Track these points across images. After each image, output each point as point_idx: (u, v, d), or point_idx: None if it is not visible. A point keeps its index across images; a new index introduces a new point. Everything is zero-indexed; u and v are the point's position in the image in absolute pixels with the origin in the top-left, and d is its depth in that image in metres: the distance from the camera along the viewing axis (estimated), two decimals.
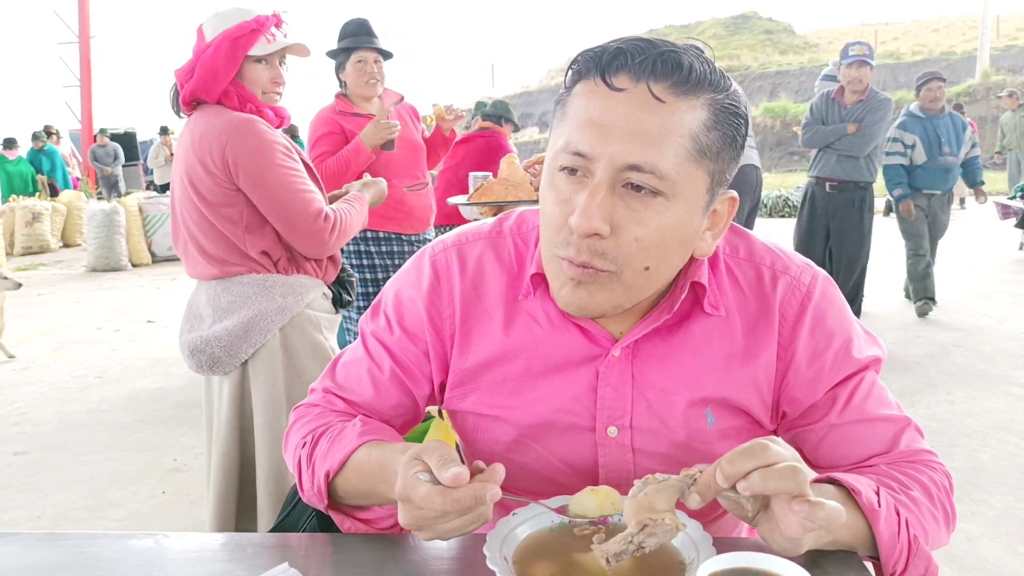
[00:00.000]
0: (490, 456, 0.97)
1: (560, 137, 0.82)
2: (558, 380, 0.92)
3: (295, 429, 1.01)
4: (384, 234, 3.18)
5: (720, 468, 0.71)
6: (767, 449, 0.71)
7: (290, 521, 1.24)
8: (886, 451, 0.92)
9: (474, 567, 0.81)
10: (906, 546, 0.80)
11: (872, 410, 0.92)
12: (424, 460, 0.77)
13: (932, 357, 4.52)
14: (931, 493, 0.87)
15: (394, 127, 2.96)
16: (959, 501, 2.66)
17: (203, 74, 1.87)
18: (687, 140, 0.78)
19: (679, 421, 0.91)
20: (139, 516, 2.85)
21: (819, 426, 0.93)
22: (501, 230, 0.98)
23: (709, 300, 0.90)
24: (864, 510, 0.79)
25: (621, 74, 0.78)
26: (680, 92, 0.78)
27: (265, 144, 1.86)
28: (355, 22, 3.19)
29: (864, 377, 0.93)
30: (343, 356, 1.05)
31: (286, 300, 1.95)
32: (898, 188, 5.42)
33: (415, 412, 1.03)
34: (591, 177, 0.79)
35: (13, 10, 37.81)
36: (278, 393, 1.95)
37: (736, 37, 34.39)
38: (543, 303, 0.93)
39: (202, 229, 1.92)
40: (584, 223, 0.78)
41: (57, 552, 0.89)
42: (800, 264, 0.95)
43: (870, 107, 4.69)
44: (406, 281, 0.99)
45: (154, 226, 9.51)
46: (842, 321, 0.93)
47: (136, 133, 16.87)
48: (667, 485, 0.72)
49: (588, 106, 0.79)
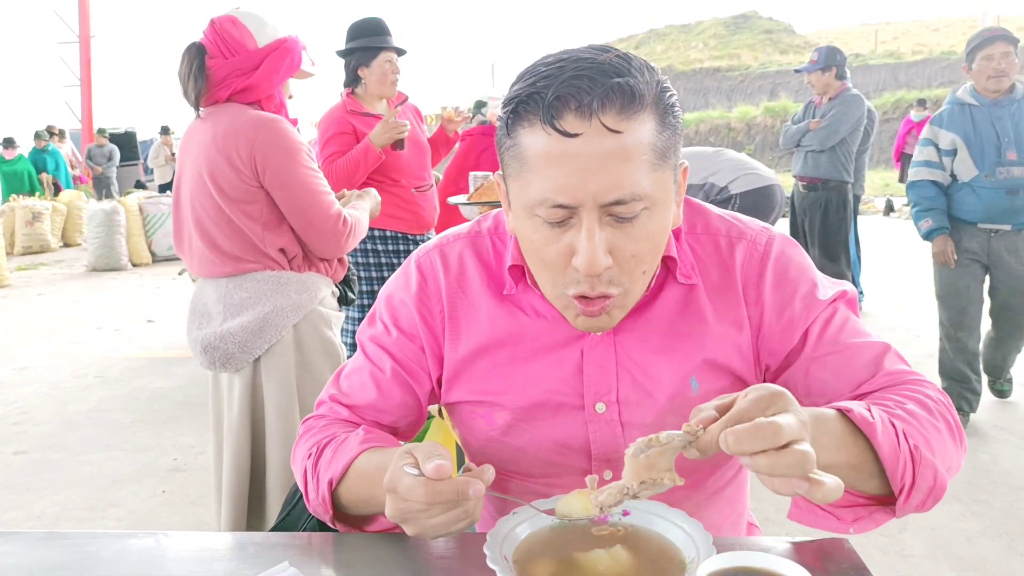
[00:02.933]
0: (487, 443, 1.00)
1: (528, 188, 0.82)
2: (546, 362, 0.96)
3: (302, 442, 1.03)
4: (392, 233, 3.18)
5: (725, 442, 0.66)
6: (779, 432, 0.64)
7: (290, 521, 1.24)
8: (871, 375, 0.92)
9: (474, 566, 0.81)
10: (908, 456, 0.78)
11: (847, 339, 0.93)
12: (413, 454, 0.79)
13: (932, 357, 4.50)
14: (927, 406, 0.86)
15: (404, 127, 2.95)
16: (959, 501, 2.67)
17: (266, 74, 1.93)
18: (649, 153, 0.81)
19: (663, 391, 0.94)
20: (139, 516, 2.85)
21: (799, 364, 0.94)
22: (480, 230, 1.03)
23: (681, 271, 0.95)
24: (858, 424, 0.78)
25: (567, 117, 0.78)
26: (629, 114, 0.79)
27: (292, 144, 1.90)
28: (375, 21, 3.17)
29: (835, 310, 0.95)
30: (345, 368, 1.09)
31: (300, 297, 1.97)
32: (926, 218, 3.32)
33: (419, 411, 1.05)
34: (577, 218, 0.81)
35: (13, 10, 37.83)
36: (290, 389, 1.97)
37: (736, 37, 34.41)
38: (526, 295, 0.97)
39: (219, 226, 1.93)
40: (593, 265, 0.81)
41: (57, 552, 0.89)
42: (757, 228, 0.99)
43: (836, 103, 4.76)
44: (396, 286, 1.04)
45: (154, 226, 9.51)
46: (804, 271, 0.97)
47: (136, 133, 16.87)
48: (671, 447, 0.71)
49: (548, 155, 0.80)
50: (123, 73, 45.82)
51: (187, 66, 1.90)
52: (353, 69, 3.12)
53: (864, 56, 26.01)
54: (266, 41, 1.93)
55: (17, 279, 8.37)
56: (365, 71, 3.10)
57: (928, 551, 2.41)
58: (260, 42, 1.93)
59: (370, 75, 3.10)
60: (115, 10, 47.27)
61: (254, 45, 1.92)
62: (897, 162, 12.87)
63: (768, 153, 19.22)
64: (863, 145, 5.00)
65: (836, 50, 4.83)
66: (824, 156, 4.80)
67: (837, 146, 4.76)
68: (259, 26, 1.94)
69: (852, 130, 4.75)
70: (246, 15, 1.93)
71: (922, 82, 22.65)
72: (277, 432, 1.97)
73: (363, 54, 3.09)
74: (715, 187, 4.12)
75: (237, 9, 1.95)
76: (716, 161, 4.27)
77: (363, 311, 3.16)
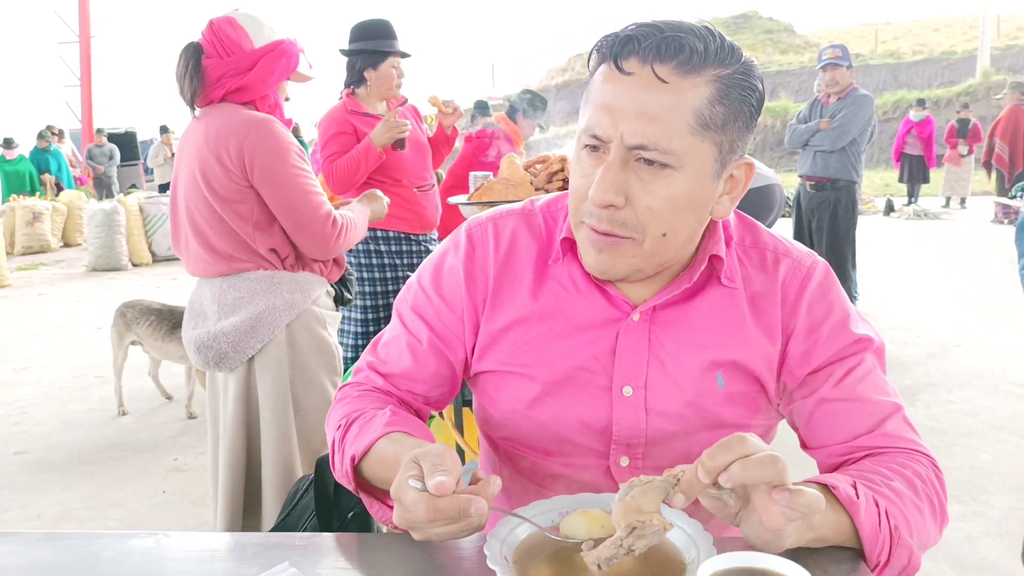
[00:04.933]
0: (510, 415, 1.01)
1: (583, 118, 0.89)
2: (581, 340, 0.98)
3: (336, 409, 1.05)
4: (394, 233, 3.18)
5: (701, 464, 0.73)
6: (744, 441, 0.73)
7: (290, 521, 1.25)
8: (870, 431, 0.93)
9: (474, 567, 0.81)
10: (887, 536, 0.81)
11: (864, 392, 0.95)
12: (420, 464, 0.79)
13: (932, 357, 4.52)
14: (914, 485, 0.88)
15: (404, 126, 2.95)
16: (959, 501, 2.67)
17: (260, 75, 1.93)
18: (691, 116, 0.84)
19: (690, 382, 0.96)
20: (139, 516, 2.85)
21: (811, 400, 0.96)
22: (533, 208, 1.06)
23: (725, 273, 0.97)
24: (842, 502, 0.80)
25: (631, 58, 0.84)
26: (683, 72, 0.83)
27: (282, 144, 1.90)
28: (383, 23, 3.17)
29: (862, 359, 0.97)
30: (384, 335, 1.11)
31: (293, 296, 1.97)
32: None
33: (452, 382, 1.07)
34: (607, 154, 0.86)
35: (13, 10, 37.80)
36: (284, 389, 1.97)
37: (736, 37, 34.21)
38: (570, 268, 0.99)
39: (212, 225, 1.94)
40: (598, 195, 0.86)
41: (57, 552, 0.89)
42: (802, 251, 1.02)
43: (846, 103, 4.76)
44: (444, 252, 1.07)
45: (154, 226, 9.51)
46: (840, 300, 0.99)
47: (136, 133, 16.86)
48: (652, 487, 0.73)
49: (603, 90, 0.87)
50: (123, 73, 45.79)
51: (183, 65, 1.91)
52: (359, 70, 3.12)
53: (864, 56, 25.96)
54: (263, 42, 1.94)
55: (17, 279, 8.37)
56: (372, 73, 3.10)
57: (928, 551, 2.41)
58: (256, 43, 1.93)
59: (377, 78, 3.10)
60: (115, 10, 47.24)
61: (250, 46, 1.92)
62: (897, 162, 12.87)
63: (768, 152, 19.19)
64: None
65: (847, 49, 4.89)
66: (834, 156, 4.79)
67: (847, 146, 4.76)
68: (256, 27, 1.94)
69: (862, 130, 4.76)
70: (244, 16, 1.94)
71: (922, 82, 22.61)
72: (271, 431, 1.97)
73: (370, 56, 3.09)
74: None
75: (236, 10, 1.95)
76: None
77: (364, 312, 3.16)
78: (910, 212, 11.60)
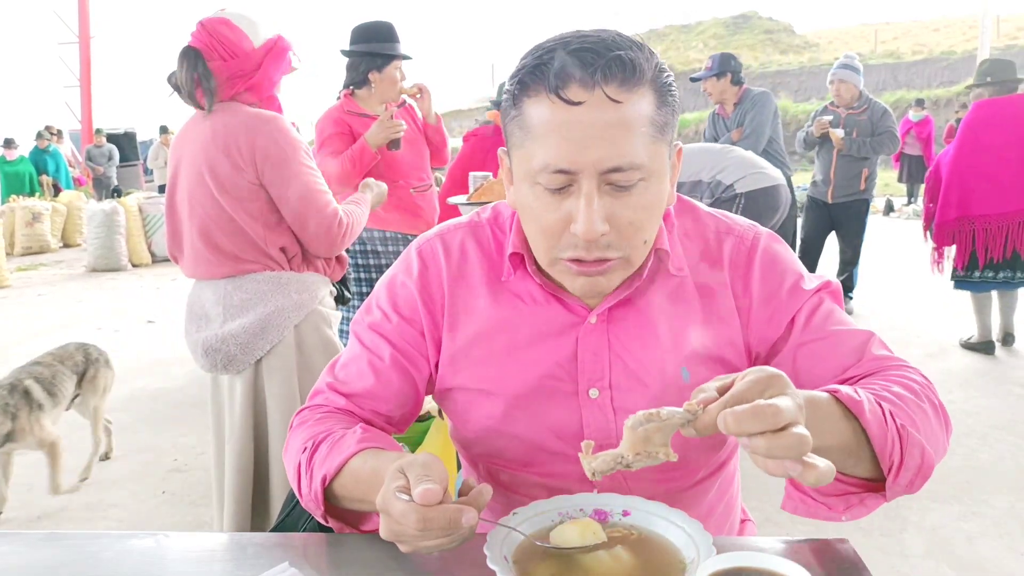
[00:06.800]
0: (482, 432, 1.01)
1: (532, 156, 0.86)
2: (542, 349, 0.98)
3: (297, 433, 1.02)
4: (392, 234, 3.18)
5: (725, 422, 0.66)
6: (778, 413, 0.65)
7: (290, 521, 1.24)
8: (857, 361, 0.94)
9: (474, 567, 0.81)
10: (896, 435, 0.79)
11: (832, 327, 0.97)
12: (406, 474, 0.77)
13: (932, 357, 4.52)
14: (913, 389, 0.88)
15: (399, 126, 2.96)
16: (959, 501, 2.67)
17: (266, 74, 1.94)
18: (647, 126, 0.85)
19: (654, 377, 0.96)
20: (139, 516, 2.85)
21: (787, 351, 0.97)
22: (479, 220, 1.06)
23: (673, 263, 0.98)
24: (846, 404, 0.79)
25: (571, 86, 0.82)
26: (629, 87, 0.83)
27: (291, 142, 1.91)
28: (387, 26, 3.17)
29: (820, 300, 0.98)
30: (340, 358, 1.09)
31: (301, 297, 1.98)
32: None
33: (415, 400, 1.05)
34: (577, 185, 0.85)
35: (13, 10, 37.80)
36: (292, 389, 1.97)
37: (736, 37, 34.39)
38: (524, 282, 0.99)
39: (220, 225, 1.93)
40: (591, 229, 0.84)
41: (57, 552, 0.89)
42: (745, 224, 1.03)
43: (746, 107, 4.77)
44: (396, 272, 1.06)
45: (154, 226, 9.50)
46: (789, 264, 1.01)
47: (136, 133, 16.86)
48: (670, 424, 0.71)
49: (552, 122, 0.84)
50: (123, 73, 45.77)
51: (189, 71, 1.88)
52: (364, 72, 3.12)
53: (864, 56, 25.99)
54: (260, 41, 1.94)
55: (17, 279, 8.37)
56: (376, 76, 3.11)
57: (928, 551, 2.41)
58: (256, 43, 1.93)
59: (382, 81, 3.11)
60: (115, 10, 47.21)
61: (250, 46, 1.92)
62: (896, 162, 12.87)
63: None
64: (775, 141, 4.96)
65: (730, 56, 4.90)
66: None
67: (767, 146, 4.73)
68: (251, 27, 1.94)
69: (774, 126, 4.78)
70: (237, 16, 1.92)
71: (922, 82, 22.61)
72: (280, 432, 1.97)
73: (375, 59, 3.09)
74: (721, 184, 4.10)
75: (223, 10, 1.93)
76: (724, 158, 4.25)
77: None
78: (910, 212, 11.60)
